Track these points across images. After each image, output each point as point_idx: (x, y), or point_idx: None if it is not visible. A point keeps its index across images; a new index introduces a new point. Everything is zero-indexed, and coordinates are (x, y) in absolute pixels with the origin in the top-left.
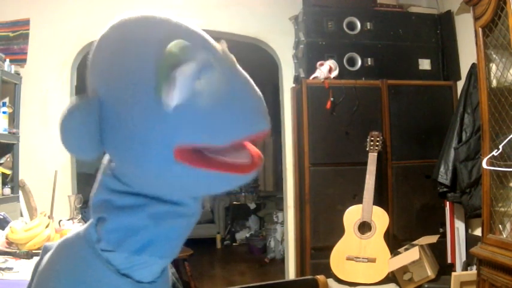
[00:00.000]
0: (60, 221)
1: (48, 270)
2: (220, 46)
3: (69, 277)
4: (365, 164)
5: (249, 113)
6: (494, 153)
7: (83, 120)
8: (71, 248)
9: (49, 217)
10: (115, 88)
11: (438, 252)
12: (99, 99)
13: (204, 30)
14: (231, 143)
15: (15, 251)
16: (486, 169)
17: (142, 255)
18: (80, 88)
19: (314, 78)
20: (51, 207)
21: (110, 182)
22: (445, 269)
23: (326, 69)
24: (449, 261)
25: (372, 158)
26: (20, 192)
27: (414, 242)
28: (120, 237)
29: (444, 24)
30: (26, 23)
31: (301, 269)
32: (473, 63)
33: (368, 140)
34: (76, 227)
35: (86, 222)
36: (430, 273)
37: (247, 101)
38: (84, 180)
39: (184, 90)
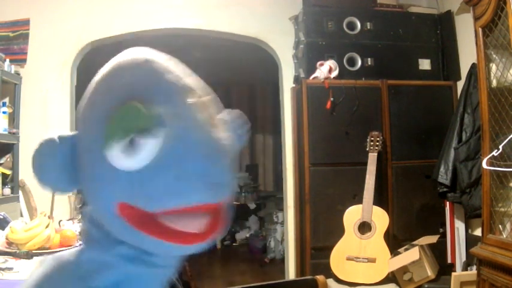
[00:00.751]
0: (60, 221)
1: (33, 286)
2: (193, 100)
3: None
4: (365, 164)
5: (186, 183)
6: (494, 153)
7: (53, 154)
8: (60, 270)
9: (49, 217)
10: (83, 129)
11: (438, 252)
12: (74, 136)
13: (204, 30)
14: (161, 211)
15: (15, 251)
16: (486, 169)
17: None
18: (80, 88)
19: (314, 78)
20: (51, 207)
21: (89, 213)
22: (445, 269)
23: (326, 69)
24: (449, 261)
25: (372, 158)
26: (20, 192)
27: (414, 242)
28: (93, 269)
29: (444, 24)
30: (26, 23)
31: (301, 269)
32: (473, 63)
33: (368, 140)
34: (76, 227)
35: None
36: (430, 273)
37: (188, 169)
38: None
39: (125, 152)
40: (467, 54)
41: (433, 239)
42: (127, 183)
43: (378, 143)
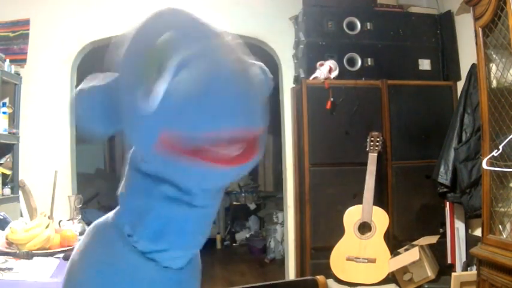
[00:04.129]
0: (60, 221)
1: (78, 253)
2: (220, 35)
3: (97, 261)
4: (365, 164)
5: (219, 111)
6: (494, 153)
7: (95, 99)
8: (101, 231)
9: (49, 217)
10: (121, 72)
11: (438, 253)
12: (111, 82)
13: None
14: (204, 135)
15: (15, 251)
16: (486, 169)
17: (159, 243)
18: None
19: (314, 78)
20: (51, 208)
21: (133, 161)
22: (445, 269)
23: (326, 70)
24: (449, 261)
25: (372, 158)
26: (20, 193)
27: (414, 243)
28: (135, 219)
29: (444, 24)
30: (26, 23)
31: (301, 269)
32: (473, 64)
33: (368, 140)
34: (76, 227)
35: (85, 222)
36: (430, 273)
37: (222, 96)
38: (84, 180)
39: (164, 86)
40: (467, 54)
41: (433, 239)
42: (168, 114)
43: (378, 143)
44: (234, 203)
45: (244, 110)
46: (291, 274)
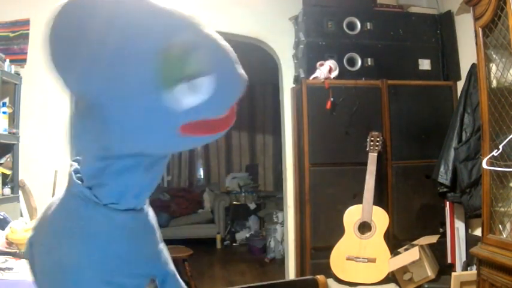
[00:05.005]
0: None
1: (56, 238)
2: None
3: (85, 231)
4: (365, 164)
5: (233, 84)
6: (494, 153)
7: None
8: (75, 211)
9: None
10: (118, 75)
11: (438, 252)
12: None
13: None
14: (226, 111)
15: (15, 251)
16: (486, 169)
17: (138, 202)
18: None
19: (314, 78)
20: None
21: (101, 151)
22: (445, 269)
23: (326, 70)
24: (449, 261)
25: (372, 158)
26: (20, 192)
27: (414, 242)
28: (121, 193)
29: (444, 24)
30: (26, 23)
31: (301, 269)
32: (473, 63)
33: (368, 140)
34: None
35: None
36: (430, 273)
37: (230, 74)
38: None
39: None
40: (467, 54)
41: (433, 239)
42: (189, 108)
43: (378, 143)
44: (234, 202)
45: (241, 84)
46: (291, 274)
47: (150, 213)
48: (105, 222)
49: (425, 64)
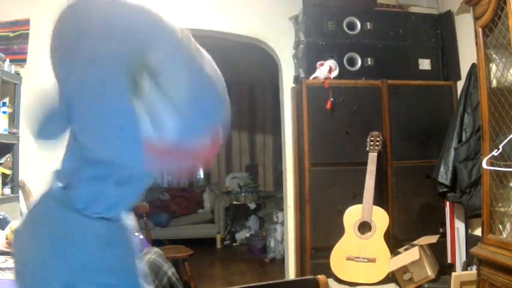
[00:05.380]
0: None
1: (31, 237)
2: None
3: (55, 235)
4: (365, 164)
5: (210, 108)
6: (494, 153)
7: (46, 106)
8: (48, 213)
9: None
10: (89, 79)
11: (438, 252)
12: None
13: (204, 30)
14: (190, 145)
15: None
16: (486, 169)
17: (111, 212)
18: None
19: (314, 78)
20: None
21: (79, 151)
22: (445, 269)
23: (326, 69)
24: (449, 261)
25: (372, 158)
26: (20, 192)
27: (414, 242)
28: (90, 200)
29: (444, 24)
30: (26, 23)
31: (301, 269)
32: (473, 63)
33: (368, 140)
34: None
35: None
36: (430, 273)
37: (207, 99)
38: None
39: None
40: (467, 54)
41: (433, 239)
42: (154, 128)
43: (378, 143)
44: (234, 202)
45: (214, 122)
46: (291, 274)
47: (129, 227)
48: (74, 226)
49: (425, 64)
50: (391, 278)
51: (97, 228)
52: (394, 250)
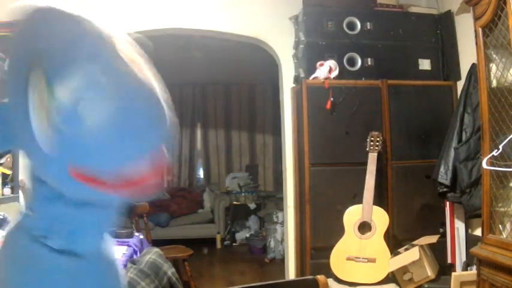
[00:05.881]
0: None
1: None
2: (118, 45)
3: (16, 265)
4: (365, 164)
5: (136, 136)
6: (494, 153)
7: None
8: (13, 240)
9: None
10: (9, 91)
11: (438, 252)
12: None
13: (204, 30)
14: (118, 173)
15: None
16: (486, 169)
17: (74, 242)
18: None
19: (314, 78)
20: None
21: (31, 168)
22: (445, 269)
23: (326, 69)
24: (449, 261)
25: (372, 158)
26: (20, 192)
27: (414, 242)
28: (47, 226)
29: (444, 24)
30: None
31: (301, 269)
32: (473, 63)
33: (368, 140)
34: None
35: None
36: (430, 273)
37: (134, 121)
38: None
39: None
40: (467, 54)
41: (433, 239)
42: (73, 153)
43: (378, 143)
44: (234, 202)
45: (145, 146)
46: (291, 274)
47: (112, 261)
48: (32, 258)
49: (425, 64)
50: (391, 278)
51: (55, 263)
52: (394, 250)
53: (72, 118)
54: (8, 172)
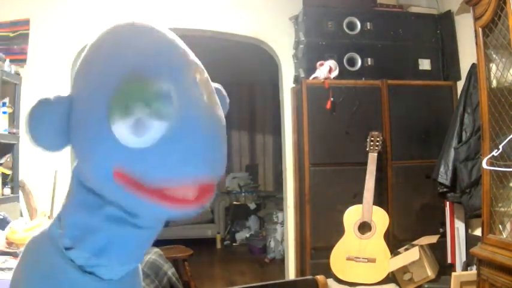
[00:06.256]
0: None
1: (17, 270)
2: (195, 74)
3: (34, 274)
4: (365, 164)
5: (186, 159)
6: (494, 153)
7: (49, 113)
8: (36, 246)
9: (49, 217)
10: (84, 93)
11: (438, 252)
12: (71, 98)
13: (204, 30)
14: (162, 186)
15: (15, 251)
16: (486, 169)
17: (102, 258)
18: None
19: (314, 78)
20: (51, 208)
21: (78, 175)
22: (445, 269)
23: (326, 69)
24: (449, 261)
25: (372, 158)
26: (20, 192)
27: (414, 242)
28: (78, 235)
29: (444, 24)
30: (26, 23)
31: (301, 269)
32: (473, 63)
33: (368, 140)
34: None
35: None
36: (430, 273)
37: (192, 149)
38: None
39: (131, 129)
40: (467, 54)
41: (433, 239)
42: (129, 155)
43: (378, 143)
44: (234, 202)
45: (205, 160)
46: (291, 274)
47: None
48: (52, 270)
49: (425, 64)
50: (391, 278)
51: (86, 285)
52: (394, 250)
53: (139, 125)
54: (8, 172)
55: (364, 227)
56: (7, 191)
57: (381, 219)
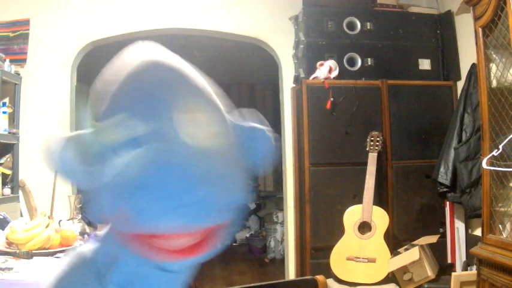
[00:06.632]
0: (60, 221)
1: (58, 280)
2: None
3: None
4: (365, 164)
5: (168, 202)
6: (494, 153)
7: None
8: (80, 265)
9: (49, 217)
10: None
11: (438, 252)
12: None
13: (204, 30)
14: (133, 234)
15: (15, 251)
16: (486, 169)
17: None
18: (80, 88)
19: (314, 78)
20: (51, 208)
21: None
22: (445, 269)
23: (326, 69)
24: (449, 261)
25: (372, 158)
26: (20, 192)
27: (414, 242)
28: (108, 262)
29: (444, 24)
30: (26, 23)
31: (301, 269)
32: (473, 63)
33: (368, 140)
34: (76, 227)
35: (85, 222)
36: (430, 273)
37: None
38: None
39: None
40: (467, 54)
41: (433, 239)
42: (119, 190)
43: (378, 143)
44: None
45: (198, 206)
46: (291, 274)
47: None
48: None
49: (425, 64)
50: (391, 278)
51: None
52: (394, 250)
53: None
54: (8, 172)
55: (364, 227)
56: (7, 191)
57: (380, 219)
